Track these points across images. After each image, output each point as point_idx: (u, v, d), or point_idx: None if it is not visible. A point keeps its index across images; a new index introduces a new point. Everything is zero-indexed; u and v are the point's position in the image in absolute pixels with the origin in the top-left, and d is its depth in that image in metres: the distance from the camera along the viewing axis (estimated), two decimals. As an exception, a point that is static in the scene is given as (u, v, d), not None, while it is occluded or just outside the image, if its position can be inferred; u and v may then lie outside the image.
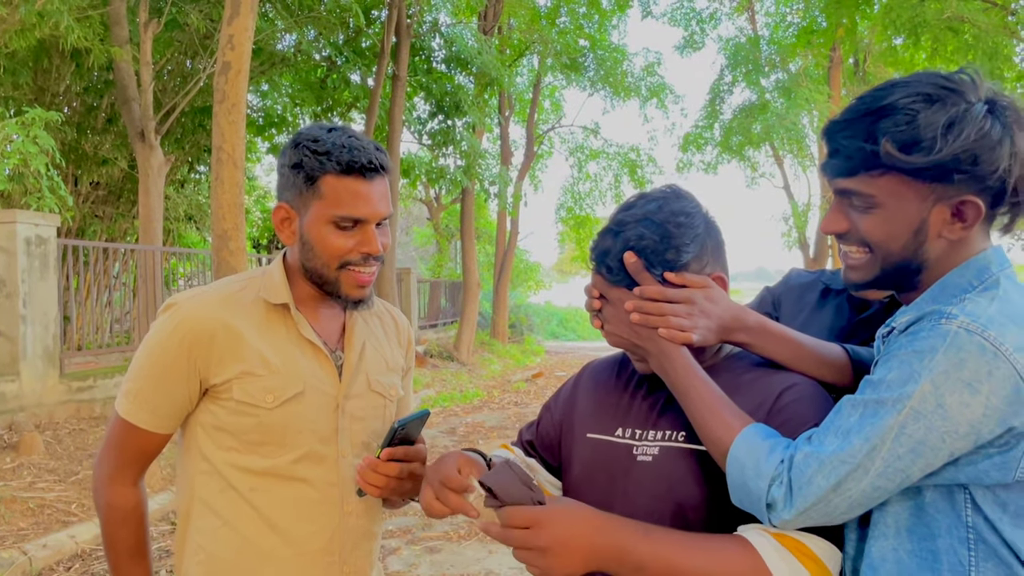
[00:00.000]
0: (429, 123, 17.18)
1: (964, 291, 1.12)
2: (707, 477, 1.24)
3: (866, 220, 1.15)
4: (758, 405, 1.25)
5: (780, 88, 18.24)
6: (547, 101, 23.28)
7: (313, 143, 1.41)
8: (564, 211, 22.98)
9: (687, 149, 20.79)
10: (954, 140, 1.06)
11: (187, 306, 1.45)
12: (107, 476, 1.48)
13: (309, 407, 1.45)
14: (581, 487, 1.37)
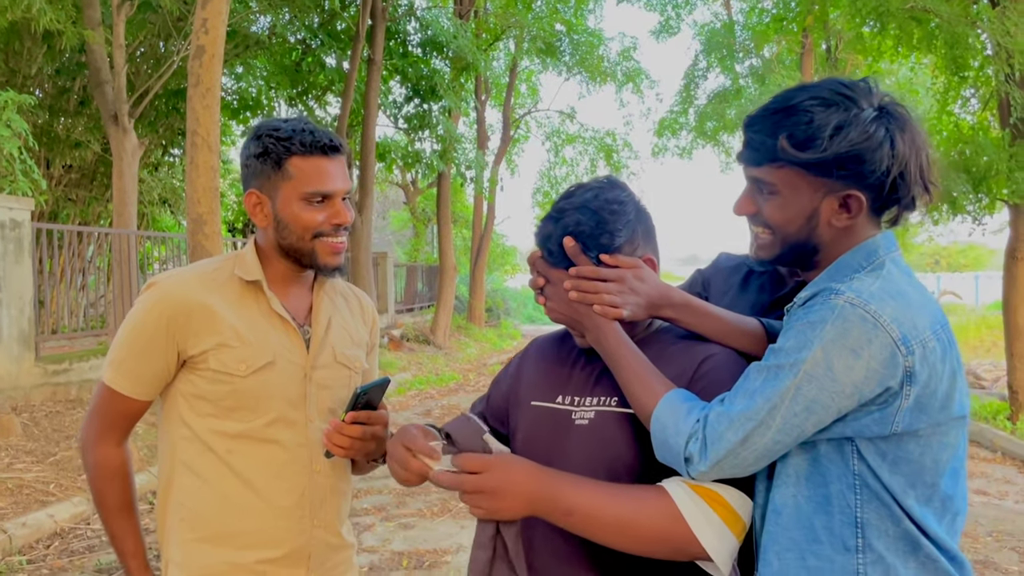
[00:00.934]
0: (405, 107, 17.20)
1: (855, 271, 1.26)
2: (636, 437, 1.38)
3: (768, 205, 1.30)
4: (682, 372, 1.39)
5: (754, 74, 18.41)
6: (523, 85, 23.34)
7: (275, 131, 1.56)
8: (541, 196, 23.10)
9: (662, 134, 20.92)
10: (841, 141, 1.20)
11: (166, 285, 1.57)
12: (93, 438, 1.61)
13: (279, 376, 1.58)
14: (526, 448, 1.49)
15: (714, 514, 1.26)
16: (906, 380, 1.16)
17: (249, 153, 1.59)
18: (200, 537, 1.58)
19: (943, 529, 1.22)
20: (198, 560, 1.57)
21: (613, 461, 1.39)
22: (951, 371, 1.19)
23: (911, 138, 1.25)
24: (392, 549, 4.96)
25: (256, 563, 1.57)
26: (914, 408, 1.17)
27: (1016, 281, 8.72)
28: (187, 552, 1.58)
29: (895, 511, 1.19)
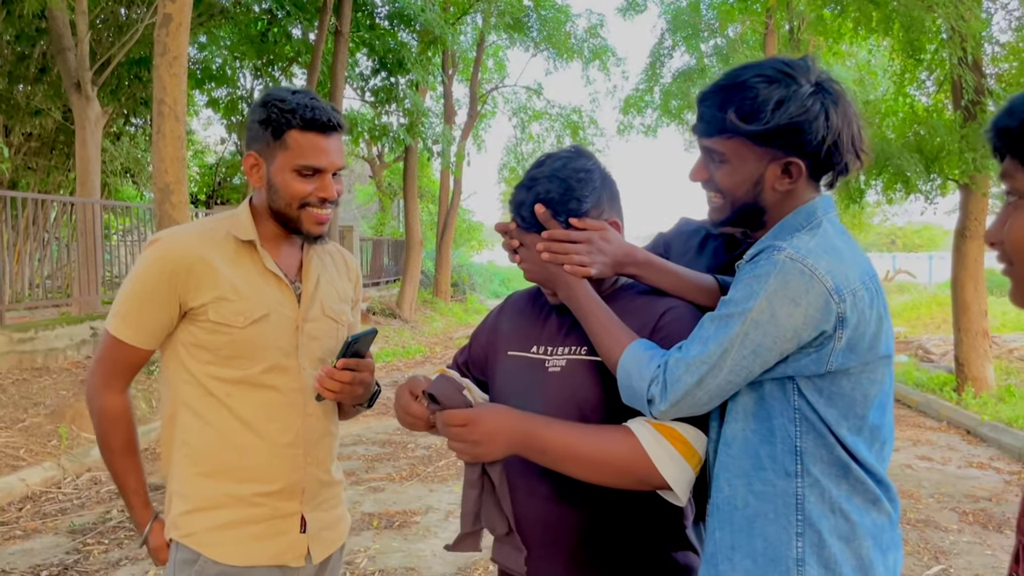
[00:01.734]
0: (372, 80, 17.11)
1: (796, 230, 1.40)
2: (603, 382, 1.53)
3: (719, 172, 1.45)
4: (645, 324, 1.55)
5: (718, 53, 18.60)
6: (490, 60, 23.30)
7: (280, 103, 1.65)
8: (507, 171, 23.18)
9: (628, 112, 21.07)
10: (782, 114, 1.35)
11: (169, 241, 1.68)
12: (99, 385, 1.71)
13: (274, 327, 1.70)
14: (503, 394, 1.64)
15: (674, 449, 1.42)
16: (839, 325, 1.30)
17: (254, 118, 1.69)
18: (201, 472, 1.69)
19: (872, 455, 1.38)
20: (200, 492, 1.69)
21: (582, 403, 1.54)
22: (878, 316, 1.35)
23: (844, 111, 1.39)
24: (363, 511, 5.11)
25: (253, 495, 1.69)
26: (846, 349, 1.33)
27: (965, 259, 9.05)
28: (189, 484, 1.70)
29: (829, 440, 1.35)
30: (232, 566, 1.67)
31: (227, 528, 1.68)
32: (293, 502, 1.74)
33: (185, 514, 1.69)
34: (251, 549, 1.69)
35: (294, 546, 1.73)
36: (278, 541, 1.72)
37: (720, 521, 1.44)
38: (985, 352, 8.87)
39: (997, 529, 4.91)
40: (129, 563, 4.19)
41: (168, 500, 1.75)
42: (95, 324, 8.60)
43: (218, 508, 1.69)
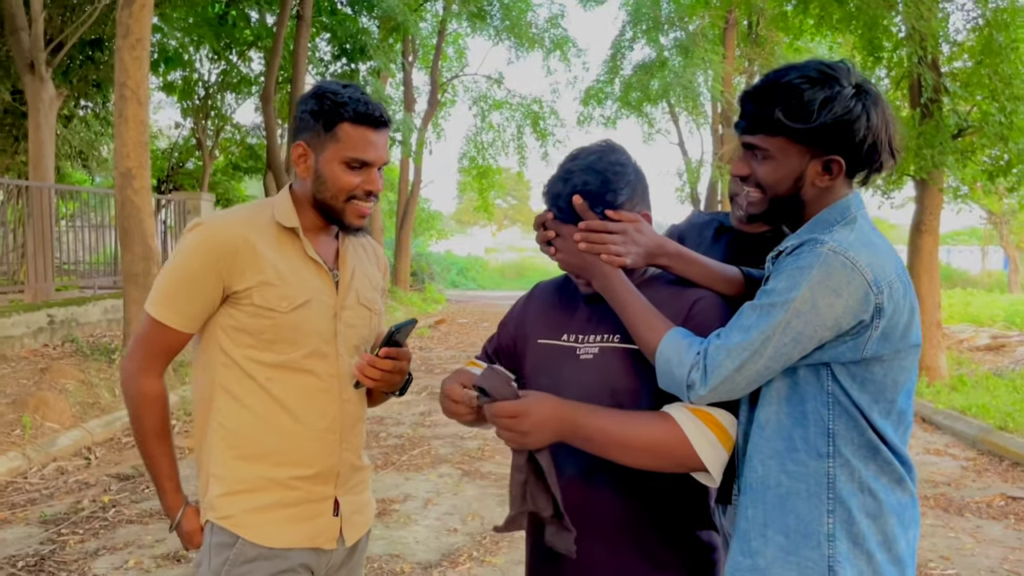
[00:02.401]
0: (332, 65, 16.93)
1: (831, 225, 1.47)
2: (637, 370, 1.57)
3: (762, 168, 1.51)
4: (676, 313, 1.59)
5: (678, 46, 18.79)
6: (451, 49, 23.21)
7: (333, 95, 1.68)
8: (467, 161, 23.12)
9: (588, 103, 21.15)
10: (827, 114, 1.41)
11: (214, 224, 1.68)
12: (137, 369, 1.70)
13: (314, 313, 1.72)
14: (534, 381, 1.67)
15: (711, 432, 1.48)
16: (876, 315, 1.37)
17: (306, 108, 1.71)
18: (239, 455, 1.70)
19: (898, 438, 1.46)
20: (236, 474, 1.70)
21: (617, 390, 1.59)
22: (910, 307, 1.43)
23: (882, 112, 1.46)
24: (339, 500, 5.09)
25: (290, 479, 1.71)
26: (881, 337, 1.40)
27: (920, 252, 9.33)
28: (226, 467, 1.71)
29: (861, 423, 1.43)
30: (270, 548, 1.68)
31: (265, 510, 1.70)
32: (328, 486, 1.76)
33: (223, 496, 1.70)
34: (288, 531, 1.70)
35: (327, 529, 1.75)
36: (313, 524, 1.74)
37: (753, 499, 1.50)
38: (938, 343, 9.17)
39: (958, 513, 5.10)
40: (107, 553, 4.13)
41: (203, 483, 1.75)
42: (52, 312, 8.40)
43: (256, 491, 1.70)
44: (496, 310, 18.96)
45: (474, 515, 4.82)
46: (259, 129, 20.18)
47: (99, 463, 5.81)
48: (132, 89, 8.01)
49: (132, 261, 7.86)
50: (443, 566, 4.06)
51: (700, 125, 20.91)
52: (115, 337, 8.72)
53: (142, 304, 8.60)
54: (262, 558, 1.68)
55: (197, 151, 19.75)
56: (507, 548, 4.29)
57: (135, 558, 4.07)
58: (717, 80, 17.29)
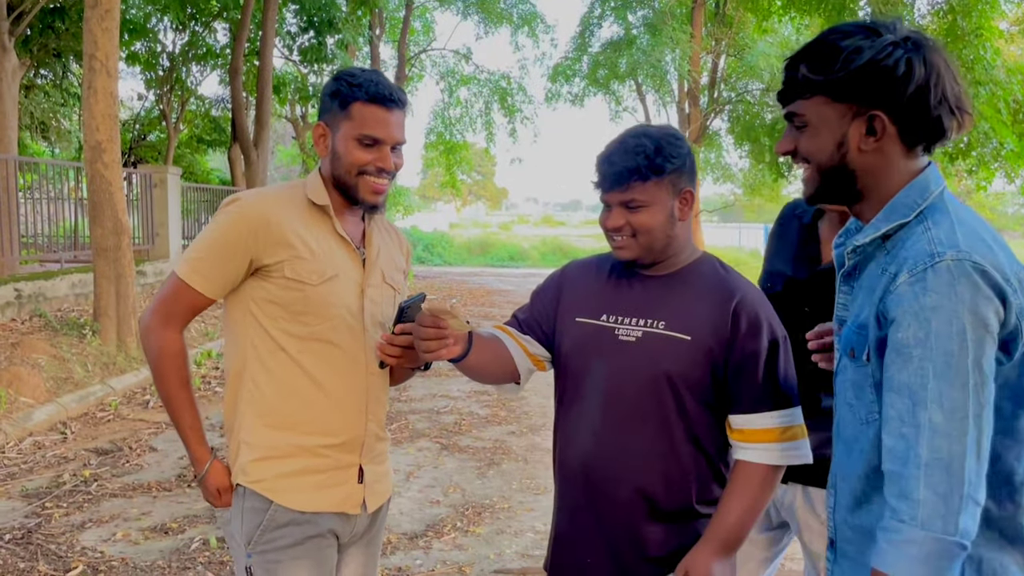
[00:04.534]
0: (300, 38, 16.73)
1: (911, 208, 1.30)
2: (688, 358, 1.66)
3: (802, 139, 1.36)
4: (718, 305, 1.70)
5: (646, 25, 18.88)
6: (418, 23, 23.01)
7: (350, 77, 1.78)
8: (433, 136, 23.03)
9: (556, 80, 21.21)
10: (856, 60, 1.26)
11: (250, 200, 1.78)
12: (158, 324, 1.78)
13: (343, 287, 1.80)
14: (571, 358, 1.77)
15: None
16: (1020, 314, 1.22)
17: (326, 91, 1.82)
18: (269, 423, 1.78)
19: None
20: (267, 441, 1.78)
21: (669, 373, 1.67)
22: None
23: (932, 62, 1.27)
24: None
25: (318, 447, 1.79)
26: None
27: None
28: (257, 434, 1.78)
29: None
30: (300, 512, 1.76)
31: (294, 475, 1.77)
32: (354, 454, 1.84)
33: (255, 461, 1.78)
34: (317, 496, 1.78)
35: (352, 495, 1.84)
36: (339, 490, 1.82)
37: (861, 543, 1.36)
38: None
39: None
40: (94, 526, 4.17)
41: (234, 448, 1.82)
42: (19, 286, 8.30)
43: (286, 457, 1.78)
44: (465, 286, 19.02)
45: (455, 487, 4.94)
46: (224, 102, 19.89)
47: (76, 438, 5.81)
48: (101, 61, 7.88)
49: (103, 235, 7.79)
50: (428, 536, 4.17)
51: (667, 104, 21.07)
52: (84, 312, 8.63)
53: (112, 279, 8.46)
54: (294, 523, 1.76)
55: (161, 123, 19.42)
56: (489, 519, 4.42)
57: (122, 531, 4.12)
58: (684, 59, 17.44)
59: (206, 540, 4.00)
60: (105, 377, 7.16)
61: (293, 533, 1.76)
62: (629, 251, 1.71)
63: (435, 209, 56.02)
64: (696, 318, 1.69)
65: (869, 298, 1.32)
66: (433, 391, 7.43)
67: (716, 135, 19.34)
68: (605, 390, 1.71)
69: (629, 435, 1.69)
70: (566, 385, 1.80)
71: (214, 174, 22.29)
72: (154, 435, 5.95)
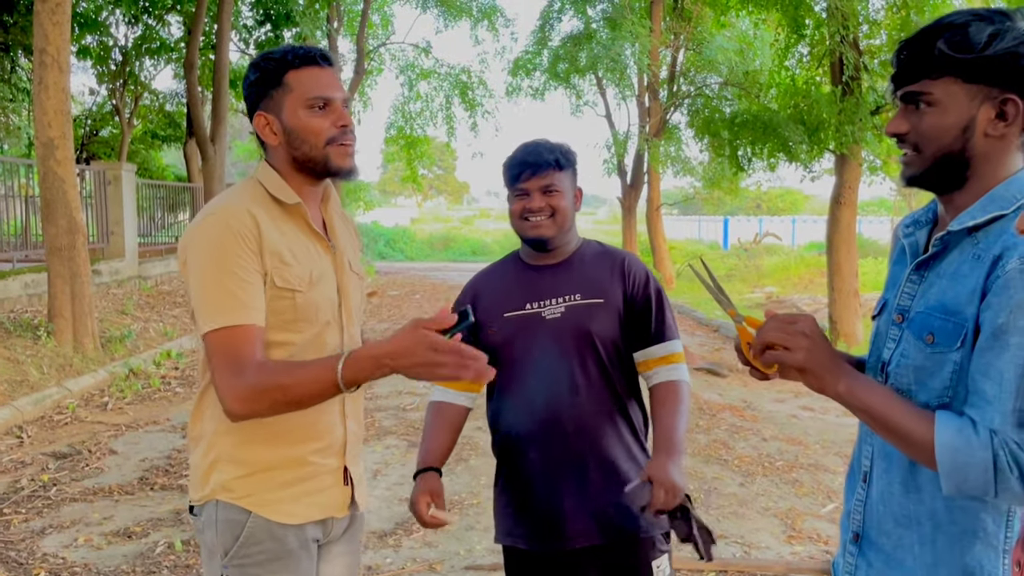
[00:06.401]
0: (256, 32, 16.50)
1: (1011, 201, 1.28)
2: (605, 316, 2.04)
3: (925, 119, 1.31)
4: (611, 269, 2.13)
5: (606, 19, 18.90)
6: (376, 16, 22.78)
7: (269, 55, 1.67)
8: (394, 130, 22.86)
9: (516, 74, 21.11)
10: (998, 43, 1.23)
11: (227, 208, 1.61)
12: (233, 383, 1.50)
13: (326, 287, 1.71)
14: (507, 347, 2.07)
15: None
16: None
17: (250, 81, 1.68)
18: (252, 438, 1.66)
19: None
20: (251, 456, 1.66)
21: (581, 335, 2.03)
22: None
23: None
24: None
25: (304, 455, 1.69)
26: None
27: (839, 224, 9.76)
28: (240, 450, 1.67)
29: None
30: (282, 525, 1.67)
31: (283, 488, 1.68)
32: (338, 457, 1.76)
33: (240, 478, 1.66)
34: (306, 506, 1.70)
35: (340, 498, 1.77)
36: (327, 495, 1.74)
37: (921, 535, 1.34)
38: (856, 310, 9.64)
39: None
40: (55, 531, 4.08)
41: (208, 464, 1.69)
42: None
43: (272, 470, 1.68)
44: (427, 282, 18.96)
45: (423, 484, 4.92)
46: (179, 96, 19.53)
47: (32, 441, 5.68)
48: (52, 55, 7.70)
49: (56, 235, 7.62)
50: (398, 534, 4.15)
51: (627, 97, 21.11)
52: (38, 313, 8.43)
53: (67, 278, 8.28)
54: (273, 537, 1.67)
55: (114, 118, 19.00)
56: (458, 514, 4.41)
57: (84, 535, 4.04)
58: (644, 53, 17.50)
59: (171, 544, 3.94)
60: (61, 379, 7.00)
61: (273, 547, 1.67)
62: (547, 229, 2.05)
63: (396, 204, 55.65)
64: (600, 283, 2.08)
65: (957, 284, 1.29)
66: (399, 388, 7.40)
67: (676, 129, 19.40)
68: (544, 363, 2.03)
69: (569, 389, 2.03)
70: (506, 371, 2.05)
71: (170, 170, 21.92)
72: (114, 437, 5.84)
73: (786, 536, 4.27)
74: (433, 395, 2.23)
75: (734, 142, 12.02)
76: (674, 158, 18.96)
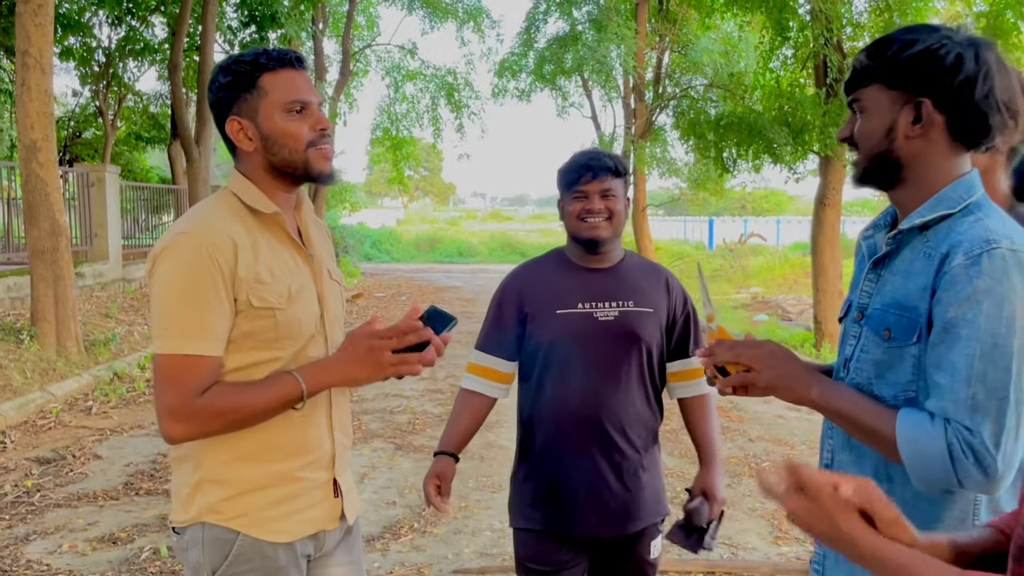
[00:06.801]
0: (241, 33, 16.40)
1: (957, 202, 1.34)
2: (654, 325, 2.18)
3: (859, 122, 1.42)
4: (655, 285, 2.26)
5: (592, 21, 18.94)
6: (361, 17, 22.72)
7: (240, 58, 1.61)
8: (380, 132, 22.80)
9: (502, 75, 21.12)
10: (908, 50, 1.32)
11: (199, 228, 1.55)
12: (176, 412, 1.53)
13: (307, 301, 1.66)
14: (558, 345, 2.15)
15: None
16: None
17: (219, 85, 1.62)
18: (240, 457, 1.62)
19: None
20: (239, 476, 1.62)
21: (633, 340, 2.15)
22: None
23: (984, 58, 1.31)
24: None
25: (293, 470, 1.65)
26: None
27: (824, 225, 9.82)
28: (228, 471, 1.62)
29: None
30: (273, 543, 1.63)
31: (273, 506, 1.64)
32: (328, 470, 1.72)
33: (228, 499, 1.62)
34: (298, 522, 1.67)
35: (332, 511, 1.73)
36: (317, 510, 1.70)
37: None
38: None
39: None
40: (39, 537, 4.05)
41: (193, 485, 1.64)
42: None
43: (262, 489, 1.63)
44: (414, 283, 18.93)
45: (411, 488, 4.91)
46: (163, 98, 19.42)
47: (15, 447, 5.63)
48: (35, 57, 7.64)
49: (39, 237, 7.55)
50: (386, 538, 4.14)
51: (613, 99, 21.18)
52: (20, 316, 8.36)
53: (50, 281, 8.23)
54: (262, 555, 1.63)
55: (97, 120, 18.87)
56: (447, 519, 4.41)
57: (68, 541, 4.00)
58: (629, 55, 17.54)
59: (156, 549, 3.92)
60: (45, 383, 6.94)
61: (263, 565, 1.63)
62: (604, 231, 2.15)
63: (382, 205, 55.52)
64: (649, 294, 2.21)
65: (909, 281, 1.36)
66: (385, 391, 7.38)
67: (661, 130, 19.46)
68: (598, 363, 2.14)
69: (613, 388, 2.15)
70: (553, 366, 2.16)
71: (154, 172, 21.76)
72: (98, 442, 5.80)
73: (773, 537, 4.29)
74: (465, 383, 2.30)
75: (719, 144, 12.08)
76: (660, 159, 19.01)
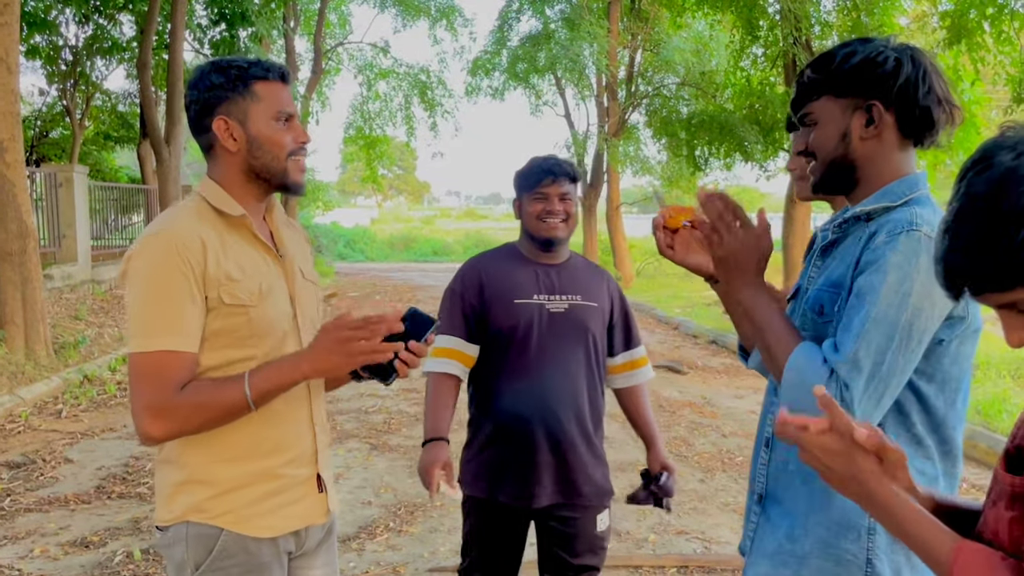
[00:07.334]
0: (211, 31, 16.24)
1: (900, 196, 1.43)
2: (598, 318, 2.42)
3: (812, 135, 1.50)
4: (599, 285, 2.52)
5: (564, 19, 18.99)
6: (333, 15, 22.61)
7: (233, 61, 1.67)
8: (352, 130, 22.71)
9: (476, 74, 21.13)
10: (851, 60, 1.43)
11: (170, 229, 1.59)
12: (152, 411, 1.53)
13: (278, 299, 1.69)
14: (515, 332, 2.33)
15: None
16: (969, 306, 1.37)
17: (210, 83, 1.65)
18: (223, 456, 1.64)
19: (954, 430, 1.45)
20: (222, 475, 1.64)
21: (582, 332, 2.38)
22: None
23: (919, 61, 1.43)
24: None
25: (275, 467, 1.68)
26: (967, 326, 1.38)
27: (794, 222, 9.94)
28: (211, 470, 1.64)
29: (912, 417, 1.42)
30: (256, 539, 1.65)
31: (257, 503, 1.66)
32: (310, 466, 1.75)
33: (213, 498, 1.64)
34: (282, 519, 1.69)
35: (317, 506, 1.76)
36: (302, 505, 1.73)
37: (798, 488, 1.48)
38: (811, 307, 9.81)
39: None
40: (10, 543, 4.00)
41: (175, 485, 1.66)
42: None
43: (245, 487, 1.65)
44: (390, 282, 18.88)
45: (386, 487, 4.91)
46: (132, 96, 19.19)
47: (-16, 452, 5.55)
48: (1, 57, 7.53)
49: (7, 239, 7.45)
50: (361, 538, 4.14)
51: (586, 97, 21.25)
52: (-12, 319, 8.23)
53: (18, 284, 8.13)
54: (245, 551, 1.65)
55: (64, 119, 18.60)
56: (422, 517, 4.42)
57: (40, 546, 3.96)
58: (602, 53, 17.63)
59: (129, 553, 3.89)
60: (13, 387, 6.85)
61: (246, 560, 1.65)
62: (562, 231, 2.37)
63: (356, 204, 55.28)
64: (595, 291, 2.44)
65: (843, 262, 1.46)
66: (360, 391, 7.36)
67: (634, 128, 19.56)
68: (548, 349, 2.33)
69: (565, 376, 2.35)
70: (509, 352, 2.34)
71: (123, 171, 21.49)
72: (69, 446, 5.74)
73: (745, 530, 4.34)
74: (436, 366, 2.38)
75: (691, 142, 12.20)
76: (633, 158, 19.11)
